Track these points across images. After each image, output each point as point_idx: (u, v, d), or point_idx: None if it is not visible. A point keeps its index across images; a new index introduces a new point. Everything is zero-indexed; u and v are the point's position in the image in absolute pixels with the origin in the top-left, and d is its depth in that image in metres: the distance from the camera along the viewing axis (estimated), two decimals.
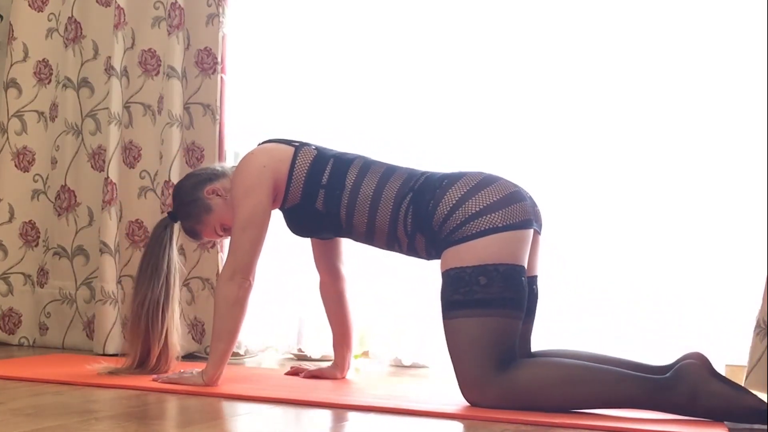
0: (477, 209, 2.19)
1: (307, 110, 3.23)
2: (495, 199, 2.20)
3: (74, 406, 2.04)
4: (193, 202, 2.50)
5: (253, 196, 2.35)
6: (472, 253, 2.16)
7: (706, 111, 2.82)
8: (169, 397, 2.21)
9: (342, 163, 2.39)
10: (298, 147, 2.43)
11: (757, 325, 2.36)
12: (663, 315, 2.78)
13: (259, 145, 2.51)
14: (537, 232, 2.31)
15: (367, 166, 2.38)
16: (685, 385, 2.01)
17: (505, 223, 2.17)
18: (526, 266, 2.21)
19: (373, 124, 3.15)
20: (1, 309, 3.37)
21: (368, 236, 2.38)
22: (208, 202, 2.49)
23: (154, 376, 2.43)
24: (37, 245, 3.42)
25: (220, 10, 3.20)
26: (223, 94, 3.21)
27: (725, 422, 2.01)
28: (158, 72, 3.28)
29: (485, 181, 2.24)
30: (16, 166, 3.41)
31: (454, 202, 2.22)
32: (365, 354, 3.11)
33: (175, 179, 3.15)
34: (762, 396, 2.07)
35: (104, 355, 3.10)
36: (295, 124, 3.22)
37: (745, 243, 2.73)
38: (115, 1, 3.23)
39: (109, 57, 3.27)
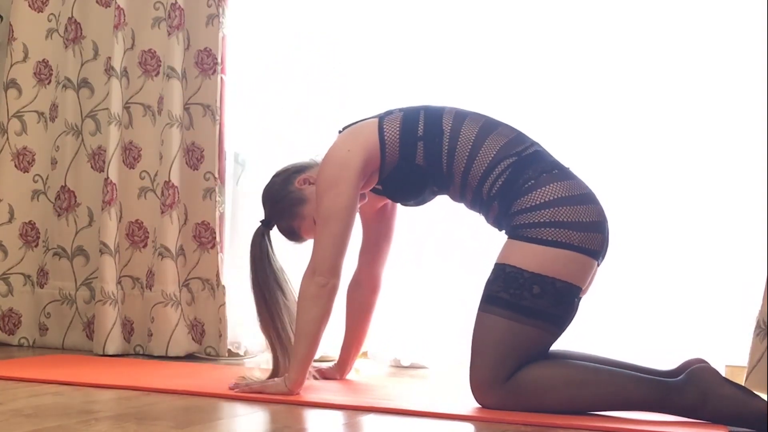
0: (564, 220, 2.11)
1: (308, 110, 3.21)
2: (585, 220, 2.13)
3: (74, 406, 2.04)
4: (285, 198, 2.36)
5: (336, 187, 2.21)
6: (539, 259, 2.09)
7: (704, 109, 2.81)
8: (169, 397, 2.20)
9: (433, 112, 2.27)
10: (382, 116, 2.31)
11: (757, 326, 2.36)
12: (663, 315, 2.78)
13: (340, 132, 2.38)
14: (598, 264, 2.22)
15: (462, 114, 2.27)
16: (696, 388, 1.99)
17: (582, 245, 2.11)
18: (582, 289, 2.17)
19: None
20: (1, 309, 3.37)
21: (461, 192, 2.26)
22: (300, 193, 2.36)
23: (231, 383, 2.28)
24: (37, 246, 3.42)
25: (220, 11, 3.20)
26: (223, 95, 3.21)
27: (729, 427, 1.98)
28: (158, 72, 3.28)
29: (586, 198, 2.17)
30: (16, 166, 3.41)
31: (548, 199, 2.13)
32: (364, 354, 3.11)
33: (174, 180, 3.16)
34: (762, 397, 2.06)
35: (104, 355, 3.11)
36: (295, 124, 3.22)
37: (745, 243, 2.72)
38: (115, 2, 3.23)
39: (109, 57, 3.27)
